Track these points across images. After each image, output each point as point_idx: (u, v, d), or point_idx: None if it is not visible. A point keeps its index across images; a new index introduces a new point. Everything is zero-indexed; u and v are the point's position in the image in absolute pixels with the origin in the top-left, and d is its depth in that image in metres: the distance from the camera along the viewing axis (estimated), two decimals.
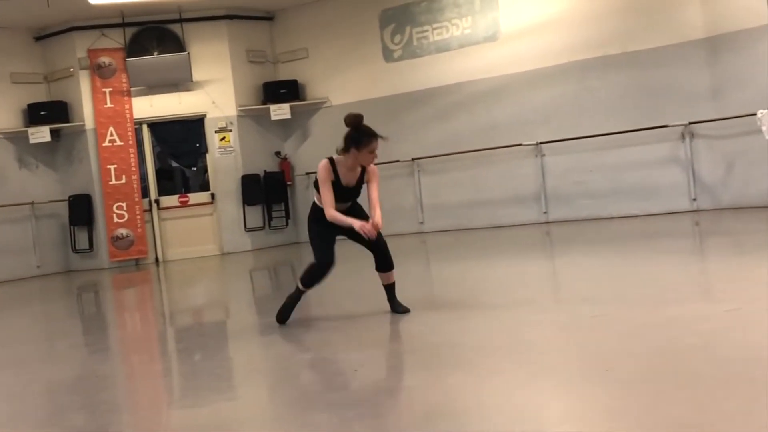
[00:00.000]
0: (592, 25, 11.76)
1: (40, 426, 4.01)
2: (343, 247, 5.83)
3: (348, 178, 5.85)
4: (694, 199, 11.10)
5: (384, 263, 6.00)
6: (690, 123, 11.00)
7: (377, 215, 5.77)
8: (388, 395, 3.81)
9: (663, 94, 11.24)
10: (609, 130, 11.53)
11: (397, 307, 5.93)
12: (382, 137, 5.89)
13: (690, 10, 11.04)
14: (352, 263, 10.51)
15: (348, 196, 5.93)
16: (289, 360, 4.99)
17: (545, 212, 12.16)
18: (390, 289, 6.03)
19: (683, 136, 11.13)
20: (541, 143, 12.09)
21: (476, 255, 9.94)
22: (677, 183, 11.24)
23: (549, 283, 7.22)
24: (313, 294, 8.41)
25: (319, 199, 5.87)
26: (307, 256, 5.96)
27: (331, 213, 5.69)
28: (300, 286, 5.95)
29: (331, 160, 5.83)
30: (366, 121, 5.78)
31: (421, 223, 13.31)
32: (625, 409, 3.23)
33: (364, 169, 5.91)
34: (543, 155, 12.14)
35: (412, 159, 13.20)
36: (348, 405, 3.71)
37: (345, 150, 5.79)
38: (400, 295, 5.98)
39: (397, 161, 13.30)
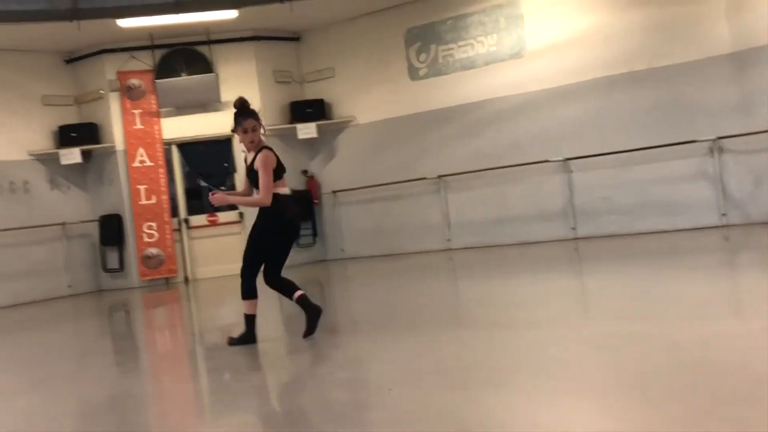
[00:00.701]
0: (618, 41, 11.77)
1: None
2: (376, 265, 5.85)
3: (249, 161, 6.17)
4: (724, 214, 11.04)
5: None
6: (718, 138, 10.96)
7: (229, 194, 6.41)
8: (424, 415, 3.83)
9: (690, 109, 11.22)
10: (636, 145, 11.51)
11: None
12: (255, 117, 6.26)
13: (716, 25, 11.03)
14: (384, 281, 10.56)
15: (252, 179, 6.17)
16: (322, 379, 5.02)
17: (573, 228, 12.14)
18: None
19: (711, 151, 11.10)
20: (567, 159, 12.08)
21: (504, 272, 9.94)
22: (706, 198, 11.19)
23: (579, 300, 7.21)
24: (342, 311, 8.47)
25: None
26: (334, 274, 5.99)
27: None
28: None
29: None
30: (392, 138, 5.92)
31: (448, 240, 13.33)
32: (661, 428, 3.23)
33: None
34: (570, 171, 12.14)
35: (438, 176, 13.23)
36: (384, 424, 3.74)
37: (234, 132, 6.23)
38: (426, 314, 5.98)
39: (424, 178, 13.35)
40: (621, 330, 5.17)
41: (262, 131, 6.28)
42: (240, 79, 13.86)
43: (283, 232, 6.16)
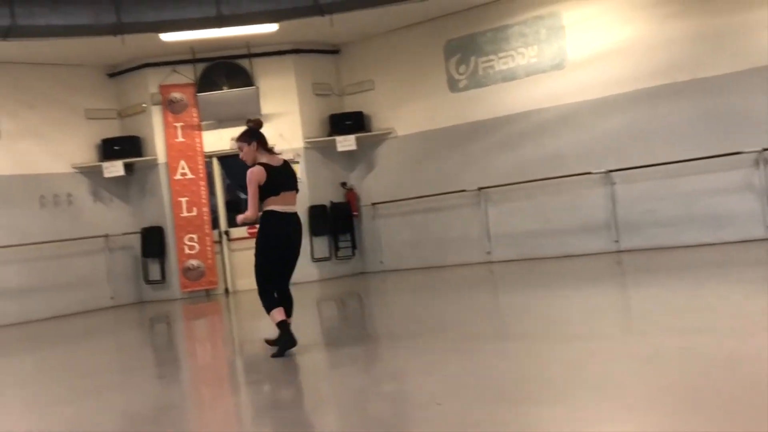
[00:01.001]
0: (660, 52, 11.63)
1: None
2: (416, 277, 5.82)
3: None
4: None
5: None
6: (764, 149, 10.77)
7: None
8: (473, 430, 3.78)
9: (735, 120, 11.04)
10: (680, 157, 11.35)
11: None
12: (241, 139, 6.83)
13: (760, 35, 10.85)
14: (424, 293, 10.52)
15: None
16: (366, 392, 4.98)
17: (616, 241, 11.99)
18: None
19: (757, 163, 10.91)
20: (610, 171, 11.95)
21: (546, 285, 9.84)
22: (751, 210, 10.98)
23: (626, 314, 7.11)
24: (382, 323, 8.44)
25: None
26: (373, 286, 5.96)
27: None
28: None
29: None
30: (431, 150, 6.12)
31: (488, 252, 13.24)
32: None
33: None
34: (613, 183, 12.00)
35: (479, 188, 13.16)
36: None
37: None
38: (469, 327, 5.92)
39: (464, 191, 13.29)
40: (671, 344, 5.07)
41: (252, 147, 6.71)
42: (280, 91, 13.94)
43: (273, 246, 6.42)
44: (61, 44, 11.84)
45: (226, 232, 14.01)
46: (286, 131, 13.94)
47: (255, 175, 6.38)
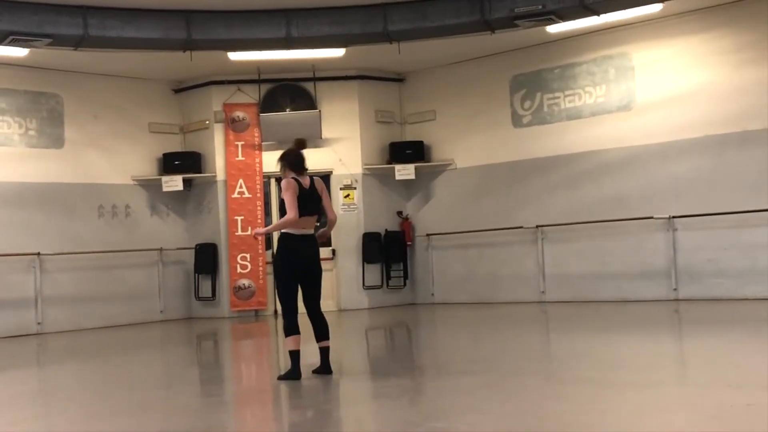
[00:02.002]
0: (732, 99, 11.36)
1: None
2: (467, 312, 5.67)
3: None
4: None
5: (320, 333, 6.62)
6: None
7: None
8: None
9: None
10: (747, 207, 11.03)
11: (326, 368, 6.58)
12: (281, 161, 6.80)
13: None
14: (475, 329, 10.33)
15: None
16: (414, 428, 4.83)
17: (675, 289, 11.67)
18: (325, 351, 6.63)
19: None
20: (673, 217, 11.66)
21: (602, 329, 9.58)
22: None
23: (685, 364, 6.85)
24: (429, 357, 8.27)
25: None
26: (423, 318, 5.81)
27: None
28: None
29: None
30: (490, 185, 6.18)
31: (543, 292, 12.99)
32: None
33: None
34: (675, 229, 11.70)
35: (536, 226, 12.95)
36: None
37: None
38: (521, 366, 5.74)
39: (521, 227, 13.09)
40: (736, 400, 4.83)
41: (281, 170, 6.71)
42: (342, 116, 13.93)
43: (289, 269, 6.53)
44: (130, 57, 11.99)
45: None
46: (346, 156, 13.91)
47: (291, 185, 6.48)
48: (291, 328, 6.46)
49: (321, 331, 6.63)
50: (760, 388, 5.19)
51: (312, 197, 6.61)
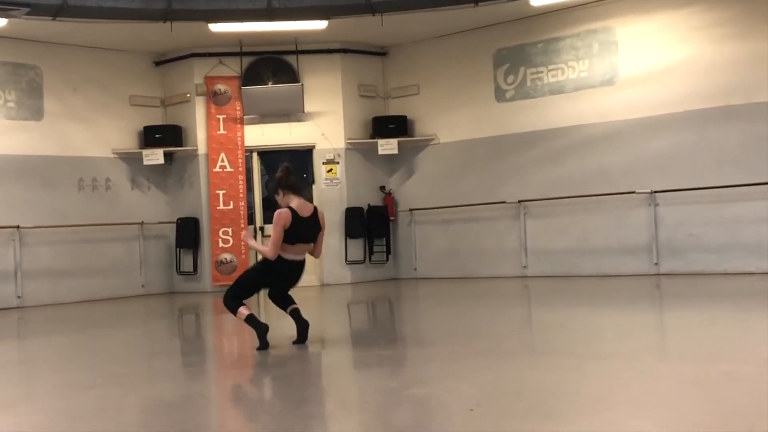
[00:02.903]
0: (715, 74, 11.37)
1: None
2: (449, 287, 5.65)
3: None
4: None
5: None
6: None
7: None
8: None
9: None
10: (728, 182, 11.07)
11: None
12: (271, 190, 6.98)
13: None
14: (457, 303, 10.35)
15: None
16: (396, 394, 4.82)
17: (656, 264, 11.72)
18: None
19: None
20: (655, 192, 11.69)
21: (583, 302, 9.61)
22: None
23: (665, 336, 6.88)
24: (411, 329, 8.27)
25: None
26: (406, 292, 5.80)
27: None
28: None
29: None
30: (473, 160, 6.12)
31: (524, 267, 13.02)
32: None
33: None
34: (656, 204, 11.73)
35: (519, 201, 12.95)
36: None
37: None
38: (503, 338, 5.74)
39: (503, 202, 13.09)
40: (714, 368, 4.86)
41: (280, 195, 6.58)
42: (325, 90, 13.84)
43: (268, 281, 6.70)
44: (109, 28, 11.85)
45: (261, 228, 13.93)
46: (328, 131, 13.84)
47: (282, 219, 6.37)
48: (237, 305, 6.58)
49: (288, 301, 6.74)
50: (736, 359, 5.22)
51: (312, 227, 6.53)
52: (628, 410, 4.02)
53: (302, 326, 6.62)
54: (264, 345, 6.46)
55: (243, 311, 6.52)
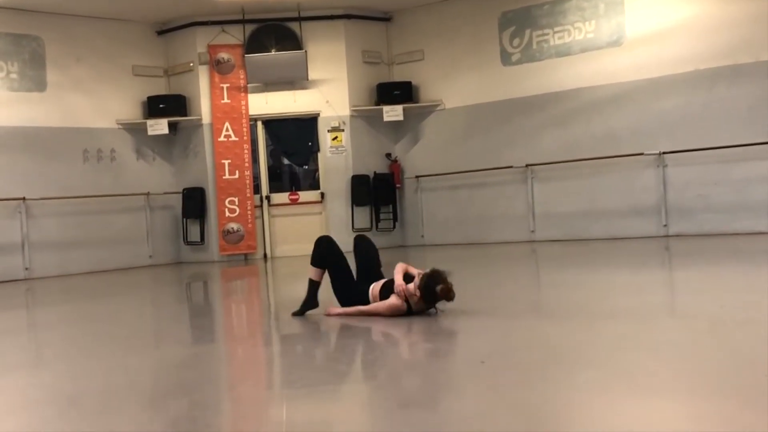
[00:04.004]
0: (723, 33, 11.23)
1: (160, 398, 3.94)
2: (457, 253, 5.59)
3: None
4: None
5: None
6: None
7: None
8: (525, 387, 3.57)
9: None
10: (737, 141, 10.97)
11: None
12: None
13: None
14: (465, 268, 10.30)
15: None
16: (411, 348, 4.79)
17: (665, 225, 11.65)
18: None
19: None
20: (663, 153, 11.60)
21: (592, 264, 9.55)
22: None
23: (679, 292, 6.83)
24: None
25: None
26: (413, 259, 5.75)
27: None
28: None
29: None
30: (479, 124, 5.89)
31: (532, 231, 12.96)
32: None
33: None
34: (665, 166, 11.64)
35: (526, 165, 12.87)
36: (480, 394, 3.50)
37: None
38: (512, 300, 5.68)
39: (510, 167, 13.01)
40: (729, 318, 4.81)
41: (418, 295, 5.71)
42: (329, 57, 13.74)
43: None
44: None
45: (268, 197, 13.88)
46: (333, 98, 13.75)
47: (394, 308, 5.71)
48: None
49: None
50: (753, 310, 5.17)
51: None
52: (643, 356, 3.98)
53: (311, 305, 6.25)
54: (300, 312, 6.19)
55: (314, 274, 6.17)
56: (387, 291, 5.76)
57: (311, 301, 6.17)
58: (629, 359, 3.96)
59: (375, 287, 5.91)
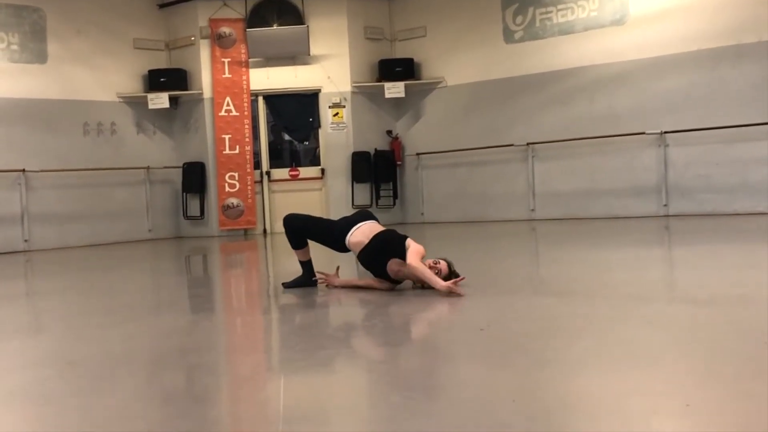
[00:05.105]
0: (726, 12, 11.18)
1: (158, 361, 3.95)
2: (456, 230, 5.57)
3: None
4: None
5: None
6: None
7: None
8: (520, 352, 3.58)
9: None
10: (739, 122, 10.95)
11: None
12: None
13: None
14: (465, 245, 10.27)
15: None
16: (408, 317, 4.79)
17: (665, 205, 11.65)
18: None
19: None
20: (665, 133, 11.57)
21: (592, 243, 9.54)
22: None
23: (678, 269, 6.83)
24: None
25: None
26: (413, 236, 5.73)
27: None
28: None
29: None
30: (481, 102, 5.91)
31: (532, 210, 12.96)
32: None
33: None
34: (666, 145, 11.62)
35: (527, 144, 12.85)
36: (479, 358, 3.50)
37: None
38: (510, 276, 5.68)
39: (512, 145, 12.99)
40: (728, 292, 4.81)
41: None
42: (330, 33, 13.68)
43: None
44: None
45: (268, 173, 13.86)
46: (334, 74, 13.70)
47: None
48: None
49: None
50: (752, 285, 5.17)
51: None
52: (639, 328, 3.98)
53: (306, 280, 6.19)
54: (292, 285, 6.18)
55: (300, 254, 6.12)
56: (381, 252, 5.62)
57: (307, 276, 6.13)
58: (626, 330, 3.97)
59: (354, 235, 5.82)
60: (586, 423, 2.59)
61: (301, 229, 6.07)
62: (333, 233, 5.97)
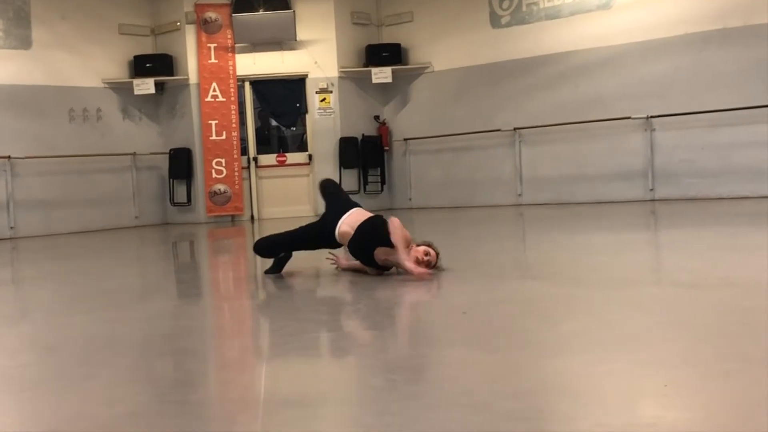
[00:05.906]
0: None
1: (141, 346, 3.95)
2: (444, 216, 5.57)
3: None
4: None
5: None
6: None
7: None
8: (502, 334, 3.60)
9: None
10: (725, 106, 10.97)
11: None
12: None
13: None
14: (452, 230, 10.28)
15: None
16: (389, 301, 4.80)
17: (651, 189, 11.69)
18: None
19: None
20: (651, 117, 11.59)
21: (578, 227, 9.57)
22: None
23: (663, 252, 6.86)
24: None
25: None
26: (403, 222, 5.70)
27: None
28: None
29: None
30: (468, 87, 5.86)
31: (519, 195, 12.98)
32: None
33: None
34: (653, 130, 11.65)
35: (514, 129, 12.86)
36: (461, 341, 3.52)
37: None
38: (495, 260, 5.69)
39: (498, 130, 13.00)
40: (711, 275, 4.84)
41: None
42: (317, 18, 13.64)
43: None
44: None
45: (255, 159, 13.83)
46: (321, 59, 13.67)
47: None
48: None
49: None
50: (736, 268, 5.20)
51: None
52: (624, 310, 4.00)
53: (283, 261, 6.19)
54: (273, 270, 6.17)
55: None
56: (368, 239, 5.62)
57: (282, 258, 6.11)
58: (609, 312, 3.99)
59: (341, 227, 5.82)
60: (566, 403, 2.60)
61: (280, 246, 6.06)
62: (323, 233, 5.96)
